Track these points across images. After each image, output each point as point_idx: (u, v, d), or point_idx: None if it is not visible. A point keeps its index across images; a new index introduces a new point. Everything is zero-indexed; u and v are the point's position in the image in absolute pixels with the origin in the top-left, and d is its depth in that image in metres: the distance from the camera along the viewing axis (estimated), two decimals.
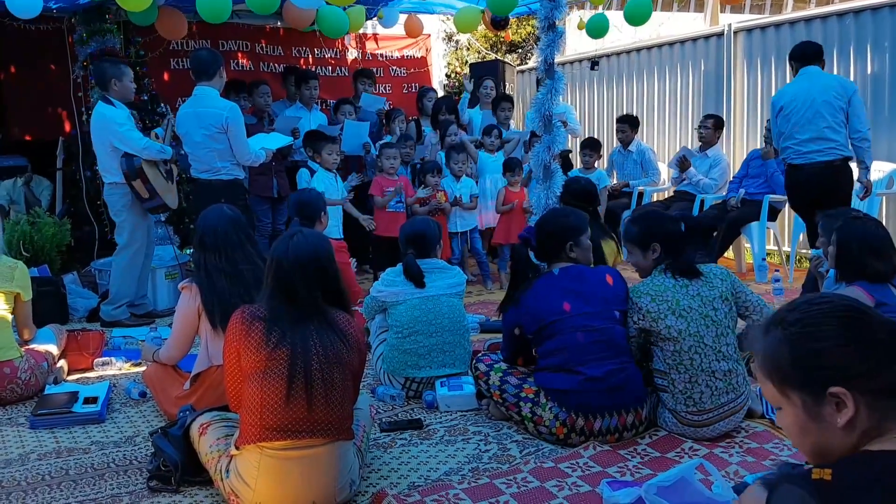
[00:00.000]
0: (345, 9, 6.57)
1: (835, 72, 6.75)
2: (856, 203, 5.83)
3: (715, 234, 6.31)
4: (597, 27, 7.01)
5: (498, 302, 5.64)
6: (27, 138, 7.34)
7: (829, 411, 1.28)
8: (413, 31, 8.07)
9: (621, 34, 8.29)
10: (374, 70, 8.96)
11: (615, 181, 7.80)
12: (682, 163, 6.96)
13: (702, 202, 6.75)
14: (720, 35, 7.79)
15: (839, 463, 1.25)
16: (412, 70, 9.41)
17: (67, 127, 7.30)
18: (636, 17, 6.50)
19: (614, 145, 8.25)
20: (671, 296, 3.08)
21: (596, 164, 7.44)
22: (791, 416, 1.34)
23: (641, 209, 4.91)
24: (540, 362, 3.15)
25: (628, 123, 7.67)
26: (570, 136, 7.67)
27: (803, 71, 5.31)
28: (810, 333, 1.31)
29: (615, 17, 8.27)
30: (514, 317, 3.21)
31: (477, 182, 6.54)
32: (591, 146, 7.37)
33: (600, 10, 7.80)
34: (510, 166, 6.34)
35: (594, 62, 8.45)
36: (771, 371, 1.35)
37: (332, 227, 5.77)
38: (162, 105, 6.47)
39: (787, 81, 7.12)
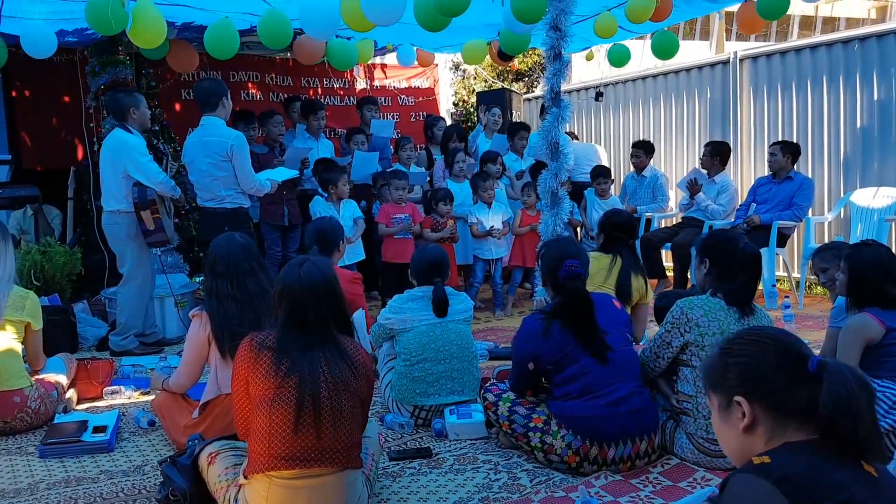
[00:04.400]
0: (350, 38, 6.65)
1: (840, 99, 6.79)
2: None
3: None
4: (618, 57, 7.08)
5: (507, 329, 5.74)
6: (39, 168, 7.42)
7: (736, 417, 1.55)
8: (424, 61, 8.15)
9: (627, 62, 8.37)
10: (383, 99, 9.05)
11: (627, 208, 7.82)
12: (692, 186, 6.97)
13: (710, 228, 6.74)
14: (726, 63, 7.84)
15: (772, 451, 1.48)
16: (420, 99, 9.50)
17: (79, 157, 7.38)
18: (663, 51, 6.55)
19: (621, 172, 8.28)
20: (723, 317, 3.10)
21: (610, 192, 7.46)
22: (714, 418, 1.63)
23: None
24: (556, 391, 3.12)
25: (643, 149, 7.70)
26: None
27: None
28: (736, 350, 1.59)
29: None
30: (528, 350, 3.15)
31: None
32: (604, 174, 7.40)
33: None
34: (525, 188, 6.40)
35: (599, 93, 8.51)
36: (703, 377, 1.65)
37: (350, 251, 5.81)
38: (161, 145, 6.53)
39: (794, 108, 7.19)
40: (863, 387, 1.47)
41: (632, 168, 7.86)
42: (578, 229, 7.45)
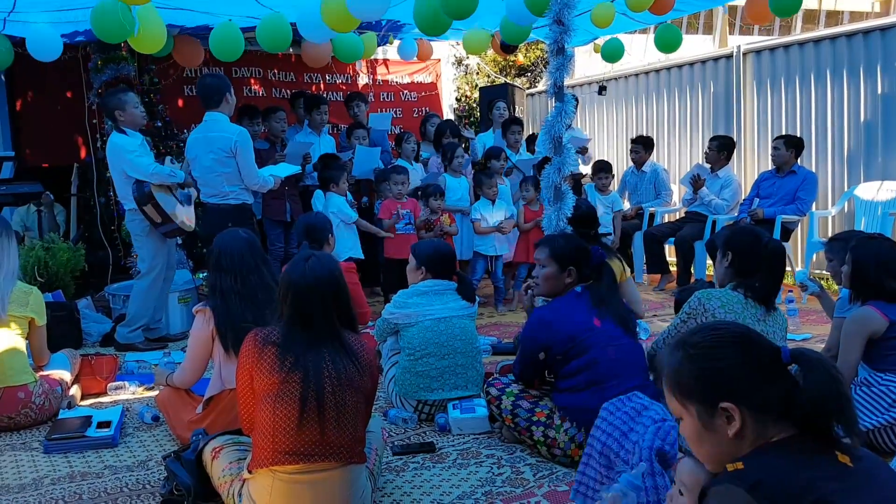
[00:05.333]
0: (360, 33, 6.65)
1: (844, 93, 6.76)
2: (854, 224, 5.80)
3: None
4: (612, 51, 7.06)
5: (510, 324, 5.74)
6: (43, 165, 7.43)
7: (721, 423, 1.51)
8: (423, 55, 8.15)
9: (630, 56, 8.37)
10: (386, 94, 9.04)
11: (627, 204, 7.80)
12: (695, 181, 6.96)
13: (713, 223, 6.73)
14: (729, 57, 7.82)
15: (746, 457, 1.48)
16: (423, 94, 9.49)
17: (82, 153, 7.39)
18: (667, 45, 6.55)
19: (624, 167, 8.27)
20: (740, 310, 3.14)
21: (611, 187, 7.45)
22: (690, 426, 1.57)
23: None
24: (562, 383, 3.12)
25: (642, 144, 7.69)
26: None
27: None
28: (708, 354, 1.54)
29: (625, 39, 8.31)
30: (539, 341, 3.16)
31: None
32: (605, 169, 7.38)
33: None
34: (524, 184, 6.37)
35: (602, 87, 8.49)
36: (673, 386, 1.59)
37: (349, 247, 5.81)
38: (186, 132, 6.55)
39: (797, 103, 7.17)
40: (836, 370, 1.50)
41: (631, 163, 7.86)
42: None
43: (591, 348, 3.06)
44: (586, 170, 7.94)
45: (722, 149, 6.98)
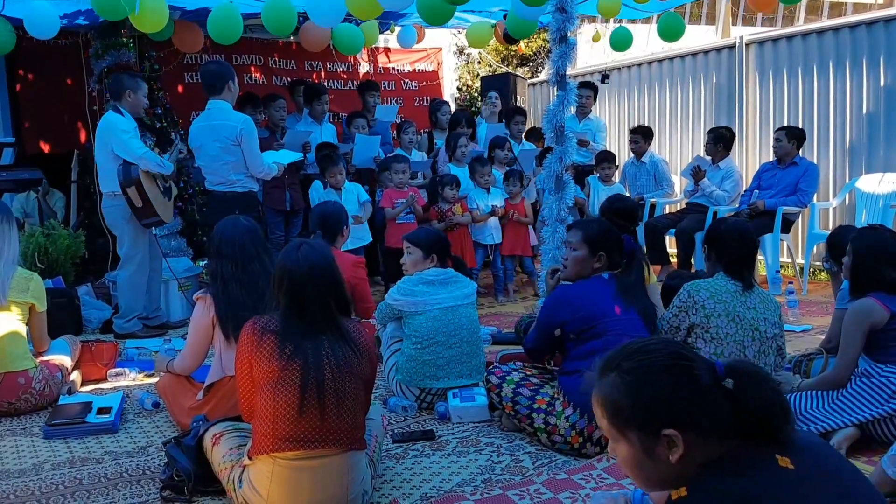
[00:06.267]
0: (358, 23, 6.61)
1: (846, 85, 6.74)
2: (855, 216, 5.79)
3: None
4: (620, 40, 7.04)
5: (510, 314, 5.74)
6: (43, 151, 7.42)
7: (662, 449, 1.44)
8: (419, 39, 8.11)
9: (633, 46, 8.35)
10: (386, 83, 9.02)
11: (628, 195, 7.79)
12: (696, 172, 6.94)
13: (714, 214, 6.72)
14: (732, 47, 7.79)
15: (689, 481, 1.42)
16: (424, 83, 9.47)
17: (82, 139, 7.38)
18: (669, 34, 6.54)
19: (627, 157, 8.25)
20: (729, 299, 3.22)
21: (614, 178, 7.43)
22: (627, 451, 1.50)
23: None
24: (570, 365, 3.13)
25: (642, 134, 7.67)
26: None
27: None
28: (644, 380, 1.47)
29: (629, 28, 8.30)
30: (558, 317, 3.18)
31: None
32: (609, 159, 7.37)
33: (622, 23, 7.83)
34: (509, 177, 6.37)
35: (605, 75, 8.47)
36: (608, 412, 1.51)
37: (357, 234, 5.81)
38: (174, 134, 6.51)
39: (800, 94, 7.15)
40: (772, 379, 1.50)
41: (631, 154, 7.85)
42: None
43: (607, 334, 3.07)
44: None
45: (718, 141, 6.96)
